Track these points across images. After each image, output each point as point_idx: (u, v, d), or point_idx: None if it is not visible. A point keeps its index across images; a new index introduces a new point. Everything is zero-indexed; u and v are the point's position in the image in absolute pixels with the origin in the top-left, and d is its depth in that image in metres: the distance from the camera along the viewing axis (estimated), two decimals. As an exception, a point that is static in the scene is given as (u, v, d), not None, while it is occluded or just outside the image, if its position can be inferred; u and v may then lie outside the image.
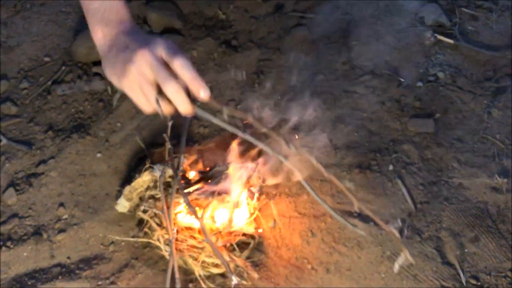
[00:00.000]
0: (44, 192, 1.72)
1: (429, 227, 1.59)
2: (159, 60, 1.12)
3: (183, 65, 1.12)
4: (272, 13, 2.28)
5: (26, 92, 2.03)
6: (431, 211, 1.63)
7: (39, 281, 1.50)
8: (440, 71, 2.09)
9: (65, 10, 2.31)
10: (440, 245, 1.55)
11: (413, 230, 1.57)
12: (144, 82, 1.13)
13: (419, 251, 1.53)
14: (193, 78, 1.13)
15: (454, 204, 1.65)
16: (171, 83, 1.12)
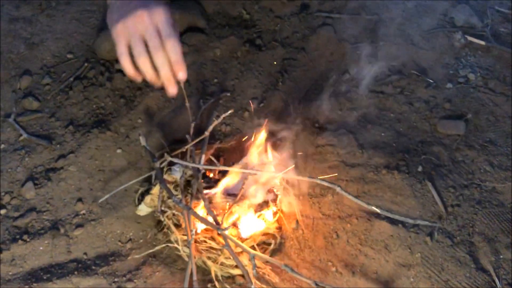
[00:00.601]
0: (62, 187, 1.69)
1: (461, 231, 1.50)
2: (154, 28, 1.22)
3: (173, 47, 1.22)
4: (297, 13, 2.24)
5: (48, 88, 2.02)
6: (463, 214, 1.55)
7: (55, 275, 1.46)
8: (471, 73, 2.01)
9: (89, 8, 2.30)
10: (473, 250, 1.47)
11: (444, 234, 1.49)
12: (134, 35, 1.23)
13: (450, 256, 1.44)
14: (177, 61, 1.24)
15: (487, 208, 1.57)
16: (159, 53, 1.21)
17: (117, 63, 2.07)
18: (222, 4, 2.29)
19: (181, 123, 1.87)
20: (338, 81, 1.97)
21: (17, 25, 2.24)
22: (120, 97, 1.95)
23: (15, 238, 1.54)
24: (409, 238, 1.47)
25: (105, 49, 2.06)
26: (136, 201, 1.65)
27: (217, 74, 2.05)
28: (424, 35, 2.14)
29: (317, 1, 2.27)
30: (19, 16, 2.27)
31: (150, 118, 1.89)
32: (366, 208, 1.54)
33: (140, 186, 1.68)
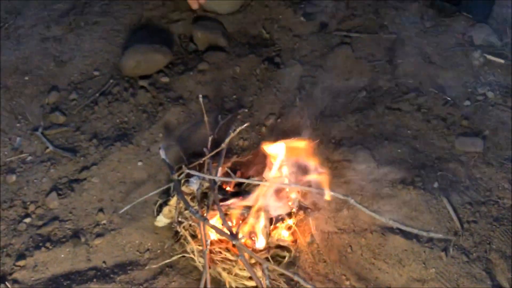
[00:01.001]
0: (85, 197, 1.75)
1: (477, 247, 1.49)
2: None
3: None
4: (316, 32, 2.29)
5: (74, 103, 2.10)
6: (480, 231, 1.54)
7: (75, 282, 1.50)
8: (490, 91, 2.01)
9: (116, 28, 2.40)
10: (489, 267, 1.45)
11: (460, 250, 1.48)
12: None
13: (466, 272, 1.43)
14: None
15: (505, 225, 1.56)
16: None
17: (140, 80, 2.15)
18: (243, 23, 2.36)
19: (200, 138, 1.92)
20: (356, 98, 1.99)
21: (48, 44, 2.35)
22: (143, 112, 2.02)
23: (39, 246, 1.60)
24: (423, 253, 1.47)
25: (130, 66, 2.14)
26: (155, 212, 1.69)
27: (236, 91, 2.10)
28: (442, 54, 2.15)
29: (335, 21, 2.31)
30: (50, 35, 2.38)
31: (170, 132, 1.95)
32: (380, 222, 1.55)
33: (159, 197, 1.72)
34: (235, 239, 1.37)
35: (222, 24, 2.34)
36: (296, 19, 2.33)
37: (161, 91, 2.10)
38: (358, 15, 2.33)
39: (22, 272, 1.52)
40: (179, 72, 2.18)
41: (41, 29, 2.41)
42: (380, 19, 2.29)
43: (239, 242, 1.37)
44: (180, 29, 2.35)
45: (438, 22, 2.28)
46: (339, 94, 2.03)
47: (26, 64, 2.26)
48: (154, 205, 1.73)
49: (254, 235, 1.49)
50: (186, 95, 2.08)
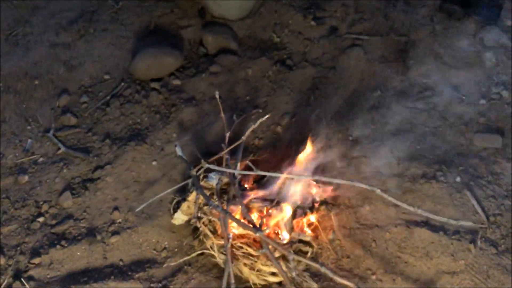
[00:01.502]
0: (99, 196, 1.71)
1: (505, 240, 1.46)
2: None
3: None
4: (326, 35, 2.29)
5: (85, 106, 2.08)
6: (506, 224, 1.51)
7: (92, 279, 1.45)
8: (504, 90, 2.01)
9: (125, 35, 2.39)
10: (519, 258, 1.42)
11: (488, 242, 1.45)
12: None
13: (496, 263, 1.40)
14: None
15: (530, 217, 1.53)
16: None
17: (152, 82, 2.13)
18: (253, 28, 2.36)
19: (214, 137, 1.90)
20: (370, 97, 1.98)
21: (57, 50, 2.34)
22: (156, 113, 2.00)
23: (53, 243, 1.55)
24: (451, 245, 1.43)
25: (141, 69, 2.13)
26: (172, 210, 1.65)
27: (249, 92, 2.09)
28: (454, 55, 2.15)
29: (345, 24, 2.32)
30: (59, 41, 2.37)
31: (185, 132, 1.92)
32: (404, 216, 1.52)
33: (175, 196, 1.68)
34: (259, 231, 1.33)
35: (232, 29, 2.35)
36: (306, 23, 2.33)
37: (173, 92, 2.08)
38: (368, 18, 2.33)
39: (38, 270, 1.47)
40: (190, 75, 2.17)
41: (50, 36, 2.41)
42: (390, 22, 2.30)
43: (263, 234, 1.33)
44: (190, 35, 2.35)
45: (448, 25, 2.29)
46: (353, 93, 2.02)
47: (36, 69, 2.24)
48: (170, 203, 1.69)
49: (277, 228, 1.45)
50: (199, 96, 2.06)
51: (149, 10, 2.48)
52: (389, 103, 1.96)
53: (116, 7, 2.52)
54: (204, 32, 2.32)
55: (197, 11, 2.45)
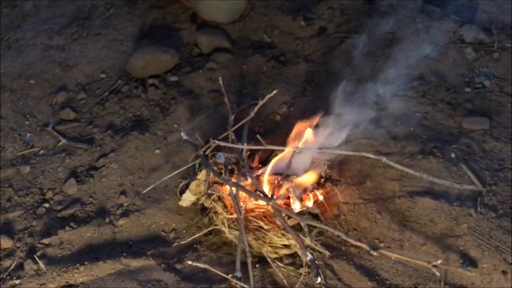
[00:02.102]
0: (104, 182, 1.72)
1: (502, 205, 1.54)
2: None
3: None
4: (316, 35, 2.39)
5: (83, 102, 2.09)
6: (501, 192, 1.59)
7: (104, 256, 1.45)
8: (486, 80, 2.13)
9: (119, 38, 2.44)
10: (518, 221, 1.49)
11: (487, 208, 1.52)
12: None
13: (496, 225, 1.47)
14: None
15: (524, 187, 1.61)
16: None
17: (149, 79, 2.17)
18: (244, 31, 2.44)
19: (215, 128, 1.93)
20: (364, 87, 2.07)
21: (51, 52, 2.36)
22: (155, 106, 2.03)
23: (62, 225, 1.55)
24: (453, 211, 1.50)
25: (139, 66, 2.17)
26: (178, 194, 1.67)
27: (246, 86, 2.15)
28: (438, 50, 2.28)
29: (333, 25, 2.43)
30: (53, 44, 2.40)
31: (186, 123, 1.96)
32: (406, 189, 1.58)
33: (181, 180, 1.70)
34: (271, 200, 1.37)
35: (225, 30, 2.42)
36: (296, 24, 2.43)
37: (171, 87, 2.12)
38: (354, 19, 2.45)
39: (48, 249, 1.46)
40: (187, 72, 2.22)
41: (43, 40, 2.43)
42: (375, 22, 2.42)
43: (275, 202, 1.37)
44: (184, 37, 2.41)
45: (430, 24, 2.42)
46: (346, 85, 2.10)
47: (31, 70, 2.26)
48: (176, 188, 1.71)
49: (288, 200, 1.49)
50: (197, 91, 2.11)
51: (140, 16, 2.53)
52: (382, 92, 2.05)
53: (107, 13, 2.57)
54: (197, 34, 2.39)
55: (189, 16, 2.52)
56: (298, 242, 1.33)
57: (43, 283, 1.38)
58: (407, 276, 1.39)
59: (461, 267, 1.36)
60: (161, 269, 1.42)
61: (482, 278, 1.36)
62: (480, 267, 1.38)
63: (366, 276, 1.40)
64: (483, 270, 1.37)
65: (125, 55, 2.32)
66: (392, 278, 1.39)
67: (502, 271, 1.37)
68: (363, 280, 1.38)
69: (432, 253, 1.42)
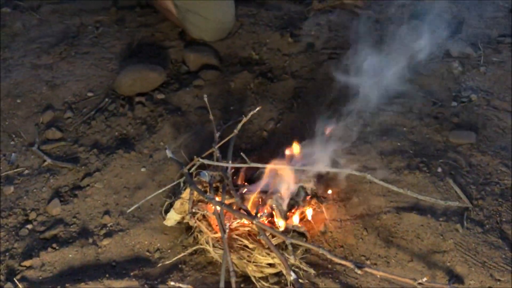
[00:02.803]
0: (89, 202, 1.70)
1: (489, 220, 1.53)
2: None
3: None
4: (303, 51, 2.40)
5: (70, 121, 2.08)
6: (488, 207, 1.58)
7: (86, 277, 1.43)
8: (473, 94, 2.14)
9: (107, 56, 2.44)
10: (504, 236, 1.48)
11: (473, 223, 1.51)
12: None
13: (483, 241, 1.46)
14: None
15: (510, 201, 1.61)
16: None
17: (137, 97, 2.17)
18: (232, 48, 2.45)
19: (201, 145, 1.93)
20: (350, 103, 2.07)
21: (39, 71, 2.36)
22: (142, 124, 2.02)
23: (44, 247, 1.53)
24: (439, 227, 1.49)
25: (126, 84, 2.17)
26: (163, 213, 1.65)
27: (233, 103, 2.15)
28: (424, 64, 2.29)
29: (320, 41, 2.44)
30: (41, 63, 2.40)
31: (172, 140, 1.95)
32: (393, 204, 1.57)
33: (166, 198, 1.69)
34: (255, 218, 1.35)
35: (213, 48, 2.43)
36: (283, 41, 2.44)
37: (158, 105, 2.12)
38: (341, 36, 2.47)
39: (29, 272, 1.44)
40: (174, 89, 2.22)
41: (31, 59, 2.43)
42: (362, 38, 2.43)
43: (259, 220, 1.35)
44: (172, 55, 2.42)
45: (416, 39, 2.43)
46: (333, 101, 2.10)
47: (18, 89, 2.25)
48: (161, 207, 1.69)
49: (272, 218, 1.47)
50: (184, 108, 2.11)
51: (129, 34, 2.54)
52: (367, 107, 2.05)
53: (96, 32, 2.57)
54: (185, 52, 2.39)
55: (178, 34, 2.53)
56: (282, 261, 1.31)
57: (23, 307, 1.35)
58: (393, 293, 1.38)
59: (448, 284, 1.34)
60: (144, 290, 1.40)
61: (468, 295, 1.34)
62: (467, 284, 1.36)
63: (351, 294, 1.38)
64: (470, 287, 1.35)
65: (113, 73, 2.32)
66: (378, 296, 1.37)
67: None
68: (348, 299, 1.37)
69: (418, 269, 1.41)
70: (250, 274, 1.43)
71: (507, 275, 1.35)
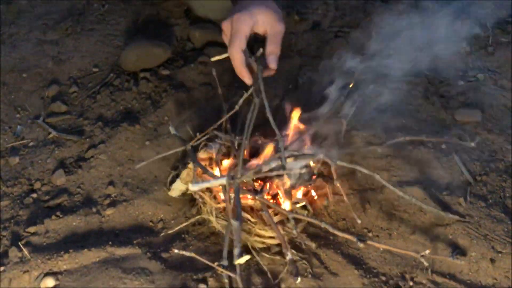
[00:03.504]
0: (93, 173, 1.71)
1: (492, 195, 1.52)
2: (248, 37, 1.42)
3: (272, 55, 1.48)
4: (309, 30, 2.38)
5: (75, 95, 2.09)
6: (492, 182, 1.58)
7: (90, 244, 1.44)
8: (480, 73, 2.12)
9: (112, 33, 2.43)
10: (507, 211, 1.48)
11: (476, 197, 1.50)
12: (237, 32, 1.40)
13: (486, 214, 1.45)
14: None
15: (515, 177, 1.60)
16: None
17: (141, 73, 2.17)
18: (238, 25, 2.43)
19: (206, 121, 1.92)
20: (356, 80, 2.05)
21: (45, 46, 2.35)
22: (147, 99, 2.02)
23: (48, 215, 1.54)
24: (442, 201, 1.48)
25: (131, 60, 2.16)
26: (168, 183, 1.66)
27: (237, 80, 2.13)
28: (431, 45, 2.27)
29: (327, 20, 2.42)
30: (46, 39, 2.40)
31: (177, 115, 1.95)
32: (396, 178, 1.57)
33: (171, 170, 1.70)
34: (259, 194, 1.35)
35: (217, 25, 2.41)
36: (290, 19, 2.42)
37: (163, 81, 2.12)
38: (348, 14, 2.45)
39: (34, 238, 1.45)
40: (179, 66, 2.22)
41: (37, 35, 2.43)
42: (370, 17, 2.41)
43: (263, 196, 1.35)
44: (177, 32, 2.41)
45: (423, 19, 2.41)
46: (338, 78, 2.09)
47: (24, 64, 2.25)
48: (165, 179, 1.70)
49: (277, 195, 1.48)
50: (189, 84, 2.11)
51: (135, 12, 2.53)
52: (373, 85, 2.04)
53: (102, 9, 2.56)
54: (190, 29, 2.38)
55: (183, 12, 2.52)
56: (281, 240, 1.31)
57: (27, 270, 1.37)
58: (394, 264, 1.38)
59: (450, 256, 1.34)
60: (146, 257, 1.41)
61: (470, 267, 1.34)
62: (469, 256, 1.36)
63: (353, 264, 1.38)
64: (471, 259, 1.35)
65: (118, 50, 2.32)
66: (380, 266, 1.37)
67: (490, 259, 1.35)
68: (350, 269, 1.37)
69: (420, 242, 1.41)
70: (251, 246, 1.43)
71: (509, 247, 1.34)
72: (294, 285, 1.33)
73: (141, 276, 1.35)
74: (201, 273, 1.37)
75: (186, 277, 1.37)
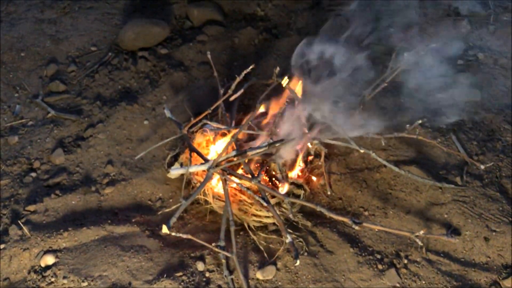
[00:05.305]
0: (92, 152, 1.71)
1: (488, 175, 1.53)
2: None
3: None
4: (309, 8, 2.36)
5: (73, 74, 2.08)
6: (488, 162, 1.58)
7: (88, 223, 1.45)
8: (480, 53, 2.11)
9: (110, 11, 2.42)
10: (503, 190, 1.48)
11: (472, 177, 1.51)
12: None
13: (481, 194, 1.46)
14: None
15: (511, 157, 1.60)
16: None
17: (140, 51, 2.16)
18: (237, 3, 2.41)
19: (204, 99, 1.93)
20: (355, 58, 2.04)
21: (43, 25, 2.34)
22: (145, 78, 2.02)
23: (48, 193, 1.55)
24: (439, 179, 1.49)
25: (129, 38, 2.15)
26: (166, 165, 1.66)
27: (236, 58, 2.13)
28: (431, 23, 2.25)
29: (327, 0, 2.40)
30: (44, 18, 2.38)
31: (175, 95, 1.95)
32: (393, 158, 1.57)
33: (168, 151, 1.70)
34: (255, 179, 1.36)
35: (217, 3, 2.39)
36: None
37: (161, 60, 2.11)
38: (348, -7, 2.41)
39: (33, 216, 1.47)
40: (177, 44, 2.20)
41: (34, 13, 2.41)
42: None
43: (259, 182, 1.36)
44: (176, 11, 2.39)
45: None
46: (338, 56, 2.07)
47: (22, 42, 2.24)
48: (164, 159, 1.70)
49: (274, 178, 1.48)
50: (187, 63, 2.10)
51: (133, -10, 2.50)
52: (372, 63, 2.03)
53: (100, -13, 2.53)
54: (189, 7, 2.36)
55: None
56: (280, 224, 1.32)
57: (27, 248, 1.38)
58: (389, 243, 1.39)
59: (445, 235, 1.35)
60: (145, 235, 1.43)
61: (464, 245, 1.35)
62: (463, 234, 1.37)
63: (348, 242, 1.40)
64: (465, 237, 1.37)
65: (116, 28, 2.31)
66: (375, 244, 1.39)
67: (484, 238, 1.36)
68: (345, 247, 1.38)
69: (416, 221, 1.42)
70: (248, 224, 1.44)
71: (503, 226, 1.36)
72: (290, 263, 1.34)
73: (139, 253, 1.37)
74: (199, 251, 1.39)
75: (184, 255, 1.39)
